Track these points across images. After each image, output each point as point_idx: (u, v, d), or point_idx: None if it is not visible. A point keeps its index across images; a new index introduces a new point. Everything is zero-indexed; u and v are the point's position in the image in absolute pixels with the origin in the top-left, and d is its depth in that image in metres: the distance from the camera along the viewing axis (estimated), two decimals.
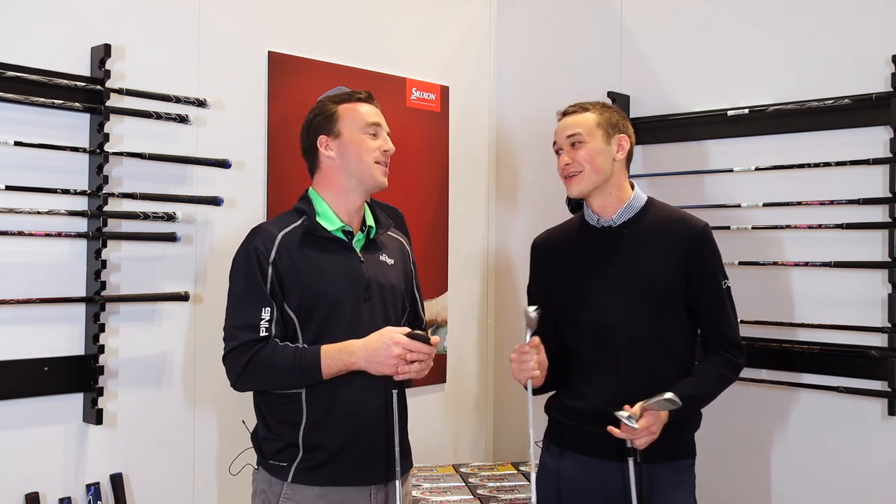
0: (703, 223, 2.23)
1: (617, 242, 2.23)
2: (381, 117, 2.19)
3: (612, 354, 2.19)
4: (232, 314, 2.07)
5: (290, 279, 2.06)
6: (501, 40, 3.81)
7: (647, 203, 2.27)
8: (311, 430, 2.06)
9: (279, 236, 2.09)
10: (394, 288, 2.20)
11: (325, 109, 2.17)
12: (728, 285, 2.22)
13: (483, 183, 3.79)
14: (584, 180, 2.21)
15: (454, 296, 3.62)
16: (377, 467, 2.09)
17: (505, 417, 3.74)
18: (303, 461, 2.06)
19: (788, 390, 2.87)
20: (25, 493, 2.43)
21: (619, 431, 2.06)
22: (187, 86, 2.74)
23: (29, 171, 2.42)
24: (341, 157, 2.13)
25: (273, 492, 2.08)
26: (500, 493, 2.92)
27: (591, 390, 2.19)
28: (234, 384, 2.07)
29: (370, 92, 2.21)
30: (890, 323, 2.64)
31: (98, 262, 2.50)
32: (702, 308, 2.21)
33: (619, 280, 2.20)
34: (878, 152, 2.69)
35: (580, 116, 2.24)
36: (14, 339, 2.40)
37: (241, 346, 2.02)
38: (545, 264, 2.36)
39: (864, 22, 2.74)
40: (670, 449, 2.17)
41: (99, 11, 2.57)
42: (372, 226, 2.22)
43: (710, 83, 3.09)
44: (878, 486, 2.69)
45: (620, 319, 2.18)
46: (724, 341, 2.21)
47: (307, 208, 2.14)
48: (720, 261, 2.23)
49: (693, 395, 2.14)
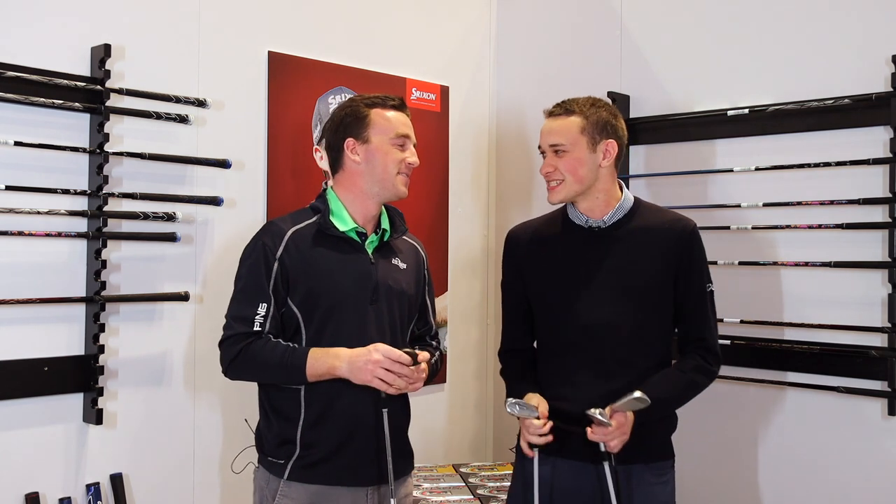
0: (692, 223, 2.21)
1: (607, 243, 2.19)
2: (411, 128, 2.18)
3: (600, 355, 2.16)
4: (232, 304, 2.11)
5: (296, 274, 2.07)
6: (501, 40, 3.81)
7: (636, 204, 2.24)
8: (308, 426, 2.07)
9: (289, 232, 2.10)
10: (403, 292, 2.20)
11: (356, 111, 2.15)
12: (712, 289, 2.21)
13: (483, 183, 3.79)
14: (566, 190, 2.17)
15: (454, 296, 3.62)
16: (374, 468, 2.09)
17: (505, 417, 3.73)
18: (299, 458, 2.07)
19: (788, 390, 2.87)
20: (25, 493, 2.43)
21: (594, 434, 2.04)
22: (187, 86, 2.74)
23: (29, 171, 2.42)
24: (367, 163, 2.13)
25: (270, 489, 2.09)
26: (500, 493, 2.92)
27: (576, 392, 2.15)
28: (225, 371, 2.12)
29: (403, 99, 2.21)
30: (890, 323, 2.64)
31: (98, 262, 2.50)
32: (685, 310, 2.19)
33: (609, 281, 2.17)
34: (878, 152, 2.69)
35: (564, 122, 2.16)
36: (14, 339, 2.40)
37: (234, 336, 2.06)
38: (525, 260, 2.29)
39: (864, 22, 2.74)
40: (649, 450, 2.16)
41: (99, 11, 2.57)
42: (386, 229, 2.22)
43: (710, 83, 3.09)
44: (878, 486, 2.69)
45: (610, 320, 2.15)
46: (702, 346, 2.19)
47: (322, 207, 2.15)
48: (706, 263, 2.23)
49: (662, 398, 2.10)
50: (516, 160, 3.73)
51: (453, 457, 3.60)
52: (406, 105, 2.21)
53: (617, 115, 2.22)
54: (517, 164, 3.72)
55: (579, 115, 2.16)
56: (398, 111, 2.17)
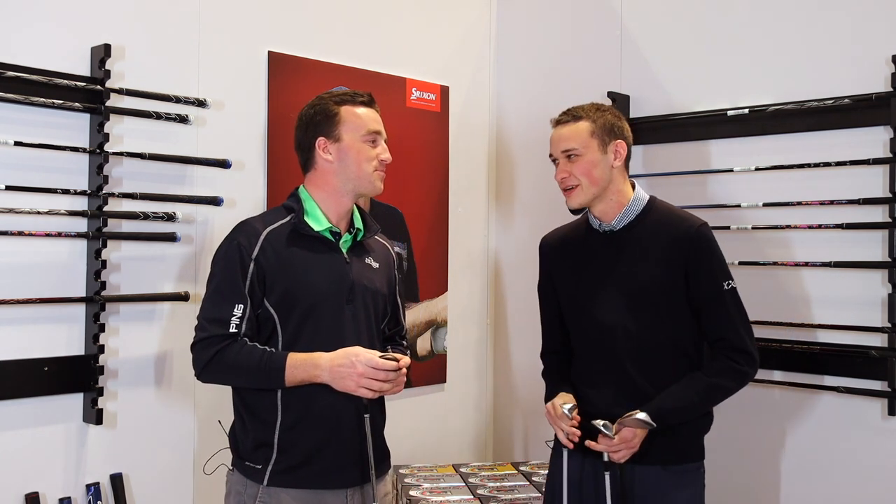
0: (699, 223, 2.20)
1: (617, 247, 2.23)
2: (381, 124, 2.18)
3: (616, 357, 2.18)
4: (206, 306, 2.09)
5: (272, 275, 2.06)
6: (501, 40, 3.81)
7: (649, 204, 2.25)
8: (285, 429, 2.06)
9: (264, 232, 2.09)
10: (377, 291, 2.20)
11: (326, 109, 2.14)
12: (732, 286, 2.18)
13: (483, 183, 3.79)
14: (583, 193, 2.20)
15: (454, 296, 3.62)
16: (353, 470, 2.09)
17: (505, 417, 3.74)
18: (277, 462, 2.05)
19: (788, 390, 2.86)
20: (25, 493, 2.43)
21: (596, 445, 2.08)
22: (187, 86, 2.74)
23: (29, 171, 2.42)
24: (340, 161, 2.13)
25: (249, 494, 2.07)
26: (500, 493, 2.92)
27: (596, 394, 2.19)
28: (198, 375, 2.09)
29: (372, 94, 2.20)
30: (890, 323, 2.64)
31: (98, 262, 2.50)
32: (702, 310, 2.18)
33: (620, 283, 2.20)
34: (878, 152, 2.69)
35: (573, 127, 2.20)
36: (14, 339, 2.40)
37: (209, 338, 2.04)
38: (554, 264, 2.37)
39: (864, 22, 2.74)
40: (676, 451, 2.16)
41: (99, 11, 2.57)
42: (360, 228, 2.21)
43: (710, 83, 3.09)
44: (878, 486, 2.69)
45: (622, 322, 2.18)
46: (727, 346, 2.16)
47: (296, 206, 2.14)
48: (721, 262, 2.20)
49: (675, 408, 2.11)
50: (516, 160, 3.73)
51: (453, 457, 3.60)
52: (374, 101, 2.19)
53: (621, 117, 2.27)
54: (517, 164, 3.72)
55: (587, 119, 2.21)
56: (368, 107, 2.16)
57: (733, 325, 2.16)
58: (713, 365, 2.17)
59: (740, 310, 2.19)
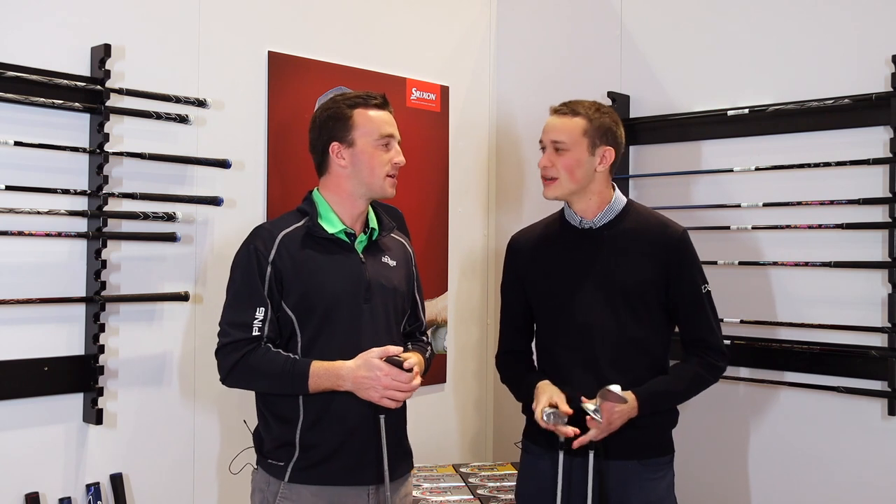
0: (681, 229, 2.25)
1: (598, 244, 2.24)
2: (395, 125, 2.18)
3: (592, 354, 2.20)
4: (227, 311, 2.10)
5: (289, 278, 2.07)
6: (501, 40, 3.81)
7: (627, 205, 2.28)
8: (307, 428, 2.08)
9: (280, 236, 2.10)
10: (395, 289, 2.20)
11: (339, 113, 2.14)
12: (708, 290, 2.25)
13: (483, 183, 3.79)
14: (560, 187, 2.22)
15: (454, 296, 3.62)
16: (374, 467, 2.10)
17: (505, 417, 3.73)
18: (299, 460, 2.07)
19: (788, 390, 2.87)
20: (25, 493, 2.43)
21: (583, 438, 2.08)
22: (187, 86, 2.74)
23: (29, 171, 2.42)
24: (353, 166, 2.13)
25: (271, 491, 2.10)
26: (500, 493, 2.92)
27: (571, 391, 2.18)
28: (223, 380, 2.10)
29: (385, 96, 2.19)
30: (890, 323, 2.64)
31: (98, 262, 2.50)
32: (681, 313, 2.24)
33: (599, 281, 2.21)
34: (878, 152, 2.69)
35: (569, 122, 2.21)
36: (14, 339, 2.40)
37: (233, 343, 2.05)
38: (523, 264, 2.36)
39: (864, 22, 2.74)
40: (647, 446, 2.20)
41: (99, 11, 2.57)
42: (375, 227, 2.22)
43: (710, 83, 3.09)
44: (878, 486, 2.69)
45: (600, 319, 2.20)
46: (704, 345, 2.24)
47: (310, 210, 2.15)
48: (699, 266, 2.26)
49: (668, 391, 2.19)
50: (516, 160, 3.73)
51: (453, 457, 3.60)
52: (388, 102, 2.19)
53: (618, 122, 2.27)
54: (517, 165, 3.72)
55: (584, 117, 2.21)
56: (381, 110, 2.16)
57: (710, 326, 2.25)
58: (693, 360, 2.24)
59: (714, 311, 2.27)
